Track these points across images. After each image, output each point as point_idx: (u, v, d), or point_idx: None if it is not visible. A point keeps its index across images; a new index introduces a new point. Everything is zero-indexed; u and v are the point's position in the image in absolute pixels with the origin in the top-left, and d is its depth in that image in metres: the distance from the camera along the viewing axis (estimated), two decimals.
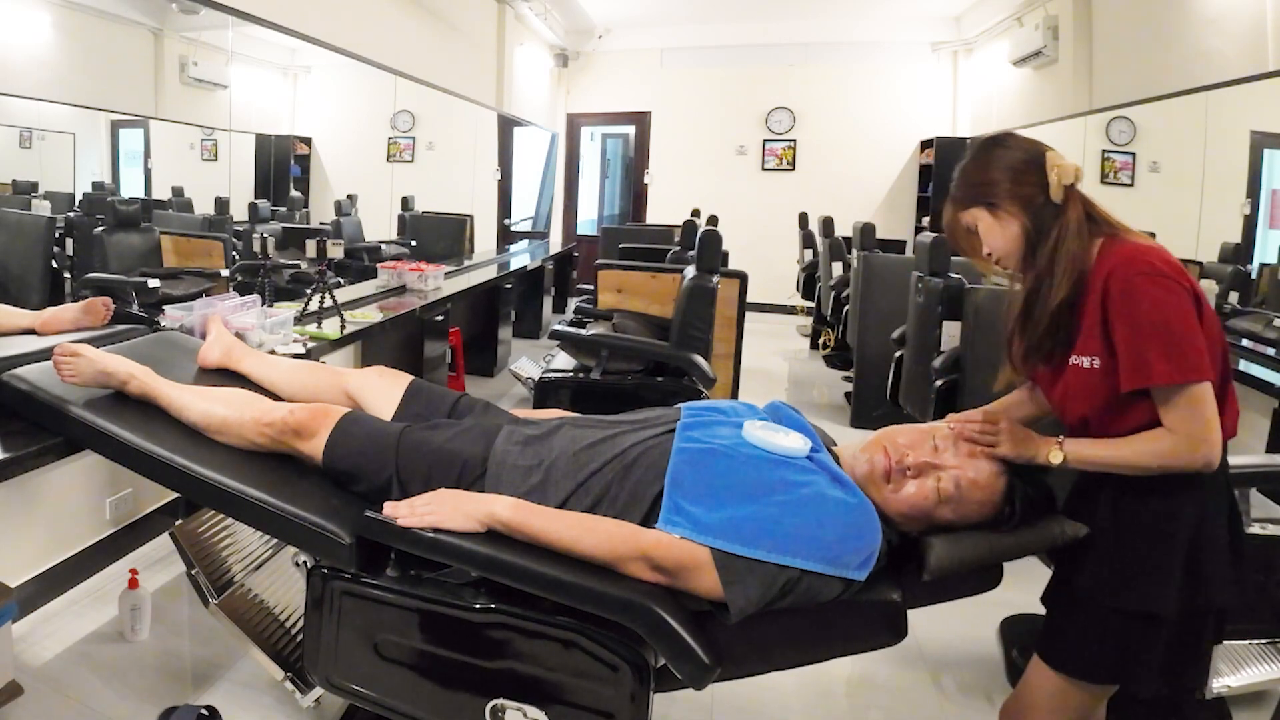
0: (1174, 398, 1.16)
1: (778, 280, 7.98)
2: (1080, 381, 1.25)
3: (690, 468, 1.32)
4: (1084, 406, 1.26)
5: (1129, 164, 4.95)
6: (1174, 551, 1.22)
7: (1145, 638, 1.24)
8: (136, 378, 1.64)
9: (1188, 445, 1.16)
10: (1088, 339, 1.23)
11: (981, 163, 1.30)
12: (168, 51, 3.48)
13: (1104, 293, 1.19)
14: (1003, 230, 1.28)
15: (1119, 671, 1.28)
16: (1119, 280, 1.18)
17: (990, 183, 1.28)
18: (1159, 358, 1.14)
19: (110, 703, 1.93)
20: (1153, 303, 1.16)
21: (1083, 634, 1.29)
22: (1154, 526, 1.24)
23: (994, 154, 1.29)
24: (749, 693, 2.07)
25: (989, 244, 1.31)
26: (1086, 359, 1.23)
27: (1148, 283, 1.16)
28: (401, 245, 5.28)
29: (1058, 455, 1.25)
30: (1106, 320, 1.19)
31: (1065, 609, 1.33)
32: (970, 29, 7.45)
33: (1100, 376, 1.21)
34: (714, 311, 3.32)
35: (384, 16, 4.49)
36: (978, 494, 1.29)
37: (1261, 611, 1.68)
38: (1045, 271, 1.25)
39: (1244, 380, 2.94)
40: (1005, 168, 1.27)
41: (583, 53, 8.74)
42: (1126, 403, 1.20)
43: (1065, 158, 1.26)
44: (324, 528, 1.37)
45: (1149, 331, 1.15)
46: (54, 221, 3.01)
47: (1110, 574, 1.25)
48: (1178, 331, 1.15)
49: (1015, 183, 1.26)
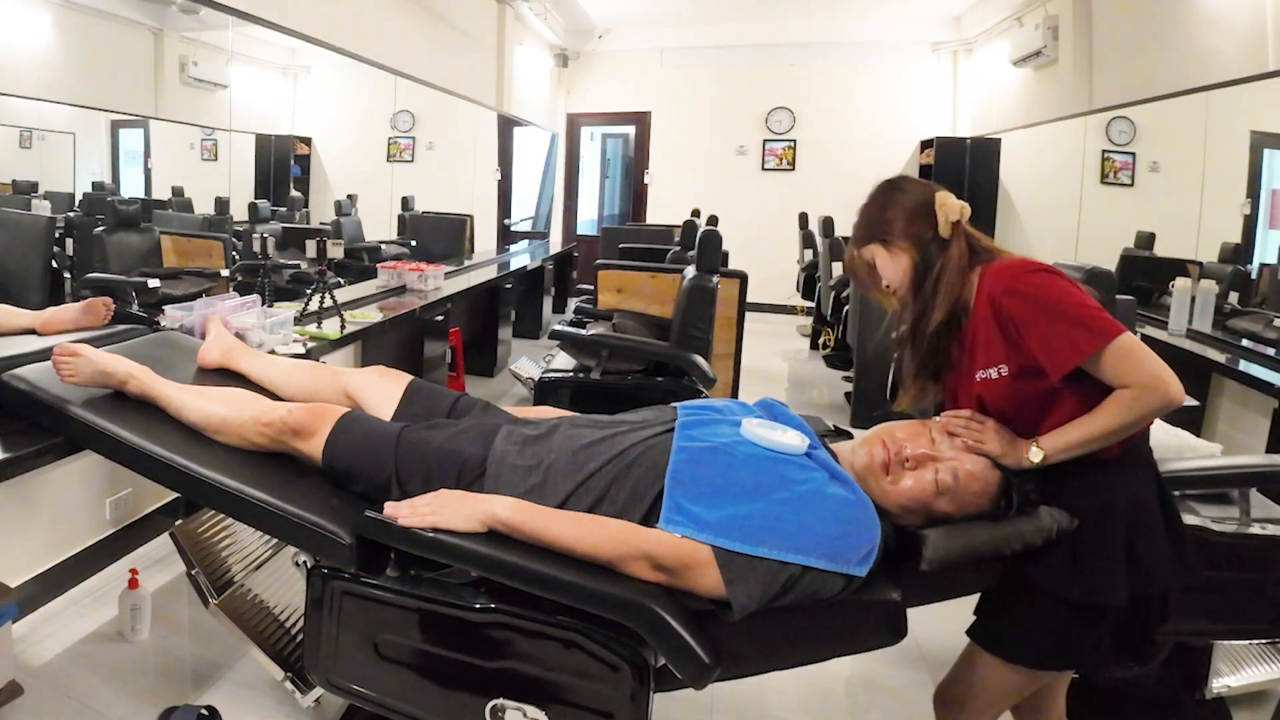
0: (1108, 359, 1.21)
1: (778, 280, 7.98)
2: (994, 392, 1.32)
3: (690, 466, 1.32)
4: (1002, 414, 1.32)
5: (1129, 164, 4.95)
6: (1114, 542, 1.26)
7: (1092, 625, 1.28)
8: (136, 378, 1.64)
9: (1148, 388, 1.20)
10: (988, 352, 1.31)
11: (879, 204, 1.43)
12: (168, 51, 3.48)
13: (994, 307, 1.28)
14: (895, 264, 1.40)
15: (1070, 658, 1.34)
16: (1001, 291, 1.27)
17: (886, 222, 1.40)
18: (1077, 331, 1.21)
19: (110, 703, 1.93)
20: (1046, 290, 1.25)
21: (1033, 624, 1.32)
22: (1094, 520, 1.28)
23: (891, 196, 1.42)
24: (749, 693, 2.07)
25: (885, 276, 1.43)
26: (993, 369, 1.30)
27: (1033, 277, 1.27)
28: (401, 245, 5.29)
29: (1037, 453, 1.28)
30: (1005, 331, 1.27)
31: (1012, 599, 1.36)
32: (970, 29, 7.45)
33: (1010, 381, 1.29)
34: (714, 311, 3.32)
35: (384, 16, 4.49)
36: (975, 485, 1.30)
37: (1261, 611, 1.67)
38: (929, 298, 1.36)
39: (1244, 380, 2.94)
40: (900, 208, 1.39)
41: (583, 53, 8.75)
42: (1049, 398, 1.27)
43: (953, 198, 1.38)
44: (324, 528, 1.37)
45: (1056, 315, 1.23)
46: (54, 221, 3.01)
47: (1061, 567, 1.28)
48: (1078, 304, 1.23)
49: (908, 221, 1.38)
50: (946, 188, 1.42)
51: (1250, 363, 3.03)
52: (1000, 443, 1.30)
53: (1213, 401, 3.24)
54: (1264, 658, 1.96)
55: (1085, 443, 1.25)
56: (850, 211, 1.49)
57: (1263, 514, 1.80)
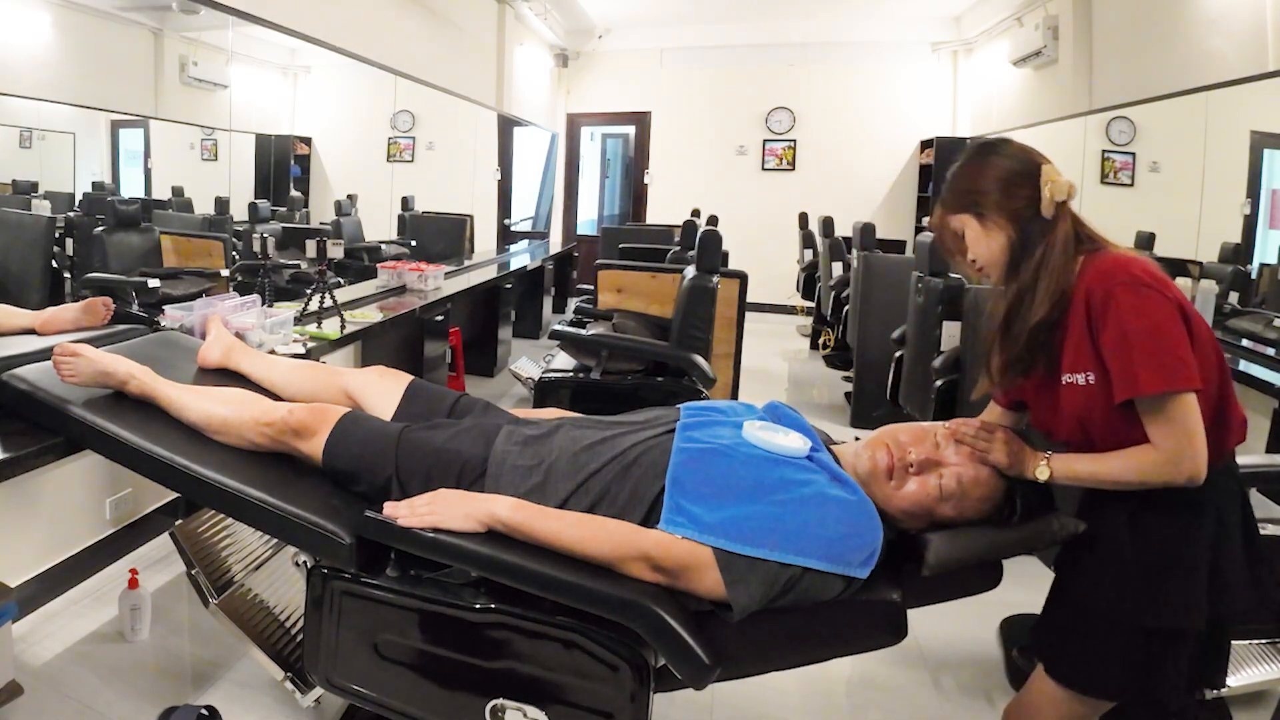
0: (1159, 408, 1.13)
1: (778, 280, 7.98)
2: (1078, 399, 1.22)
3: (691, 468, 1.32)
4: (1082, 423, 1.23)
5: (1129, 164, 4.95)
6: (1198, 567, 1.20)
7: (1171, 652, 1.22)
8: (136, 378, 1.64)
9: (1170, 461, 1.14)
10: (1078, 356, 1.20)
11: (974, 169, 1.28)
12: (168, 51, 3.48)
13: (1087, 307, 1.18)
14: (988, 241, 1.26)
15: (1144, 687, 1.24)
16: (1099, 292, 1.17)
17: (980, 191, 1.26)
18: (1143, 367, 1.12)
19: (110, 703, 1.93)
20: (1133, 312, 1.14)
21: (1103, 652, 1.25)
22: (1176, 542, 1.21)
23: (988, 161, 1.27)
24: (749, 693, 2.07)
25: (974, 252, 1.29)
26: (1080, 375, 1.20)
27: (1127, 292, 1.15)
28: (401, 245, 5.28)
29: (1044, 471, 1.24)
30: (1093, 335, 1.18)
31: (1079, 626, 1.29)
32: (970, 29, 7.45)
33: (1096, 392, 1.19)
34: (714, 311, 3.32)
35: (384, 16, 4.49)
36: (979, 491, 1.29)
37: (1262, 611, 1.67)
38: (1028, 287, 1.23)
39: (1244, 380, 2.94)
40: (997, 178, 1.25)
41: (583, 53, 8.74)
42: (1125, 416, 1.17)
43: (1061, 173, 1.23)
44: (324, 528, 1.37)
45: (1132, 341, 1.13)
46: (54, 221, 3.01)
47: (1134, 593, 1.22)
48: (1160, 340, 1.12)
49: (1005, 194, 1.24)
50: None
51: (1250, 363, 3.03)
52: (1007, 454, 1.27)
53: None
54: (1264, 658, 1.96)
55: (1093, 480, 1.21)
56: (850, 211, 1.47)
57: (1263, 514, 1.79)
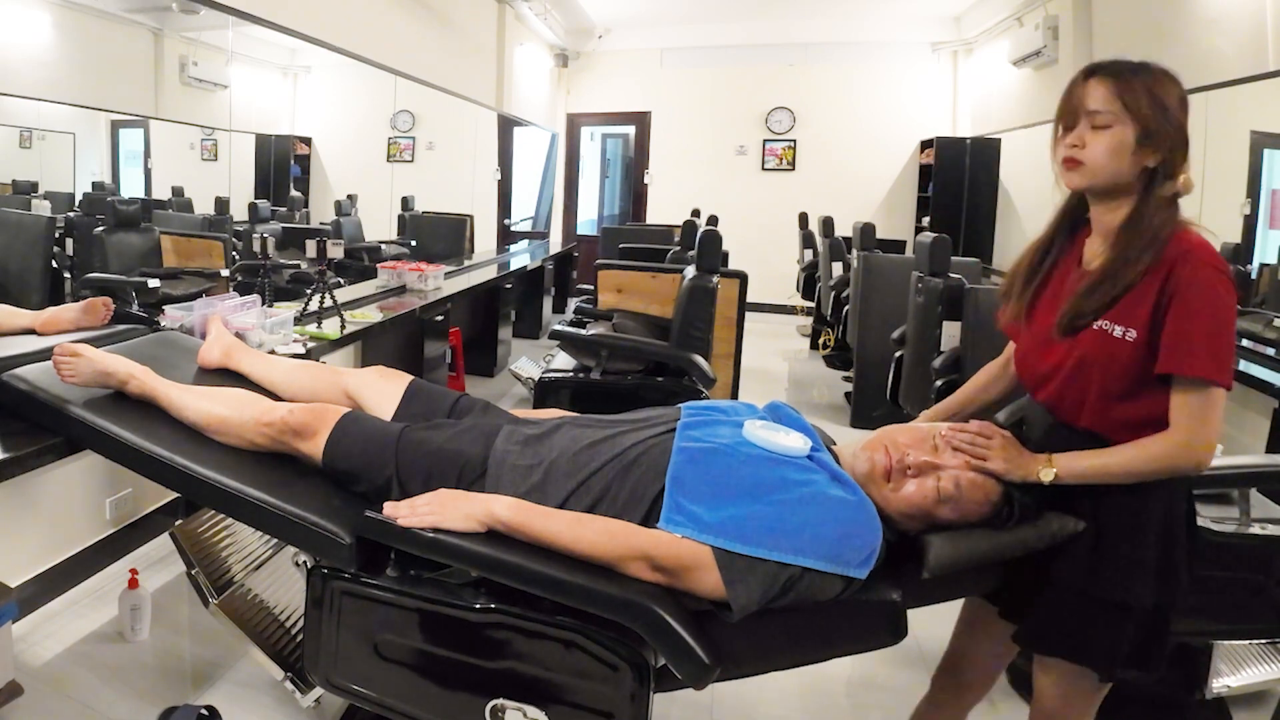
0: (1195, 392, 1.16)
1: (778, 280, 7.98)
2: (1104, 349, 1.22)
3: (691, 467, 1.32)
4: (1092, 376, 1.23)
5: None
6: (1147, 545, 1.24)
7: (1115, 624, 1.26)
8: (136, 378, 1.64)
9: (1185, 445, 1.17)
10: (1129, 310, 1.21)
11: (1181, 99, 1.23)
12: (168, 51, 3.48)
13: (1168, 274, 1.18)
14: (1120, 157, 1.21)
15: (1081, 652, 1.30)
16: (1190, 266, 1.17)
17: (1169, 121, 1.21)
18: (1203, 349, 1.15)
19: (110, 703, 1.93)
20: (1216, 299, 1.16)
21: (1054, 615, 1.31)
22: (1131, 522, 1.26)
23: (1186, 108, 1.24)
24: (749, 693, 2.07)
25: (1101, 153, 1.22)
26: (1121, 329, 1.20)
27: (1218, 279, 1.17)
28: (401, 245, 5.29)
29: (1049, 473, 1.25)
30: (1160, 298, 1.18)
31: (1038, 590, 1.33)
32: (970, 29, 7.45)
33: (1130, 350, 1.20)
34: (714, 311, 3.32)
35: (384, 16, 4.49)
36: (978, 493, 1.29)
37: (1261, 611, 1.67)
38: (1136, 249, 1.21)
39: (1244, 380, 2.94)
40: (1177, 127, 1.22)
41: (583, 53, 8.74)
42: (1144, 385, 1.20)
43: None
44: (324, 528, 1.37)
45: (1205, 324, 1.16)
46: (54, 221, 3.02)
47: (1090, 563, 1.27)
48: (1224, 332, 1.17)
49: (1173, 144, 1.21)
50: (946, 188, 1.34)
51: (1250, 363, 3.03)
52: (1005, 459, 1.28)
53: None
54: (1264, 658, 1.96)
55: (1101, 475, 1.23)
56: (850, 211, 1.46)
57: (1263, 514, 1.80)
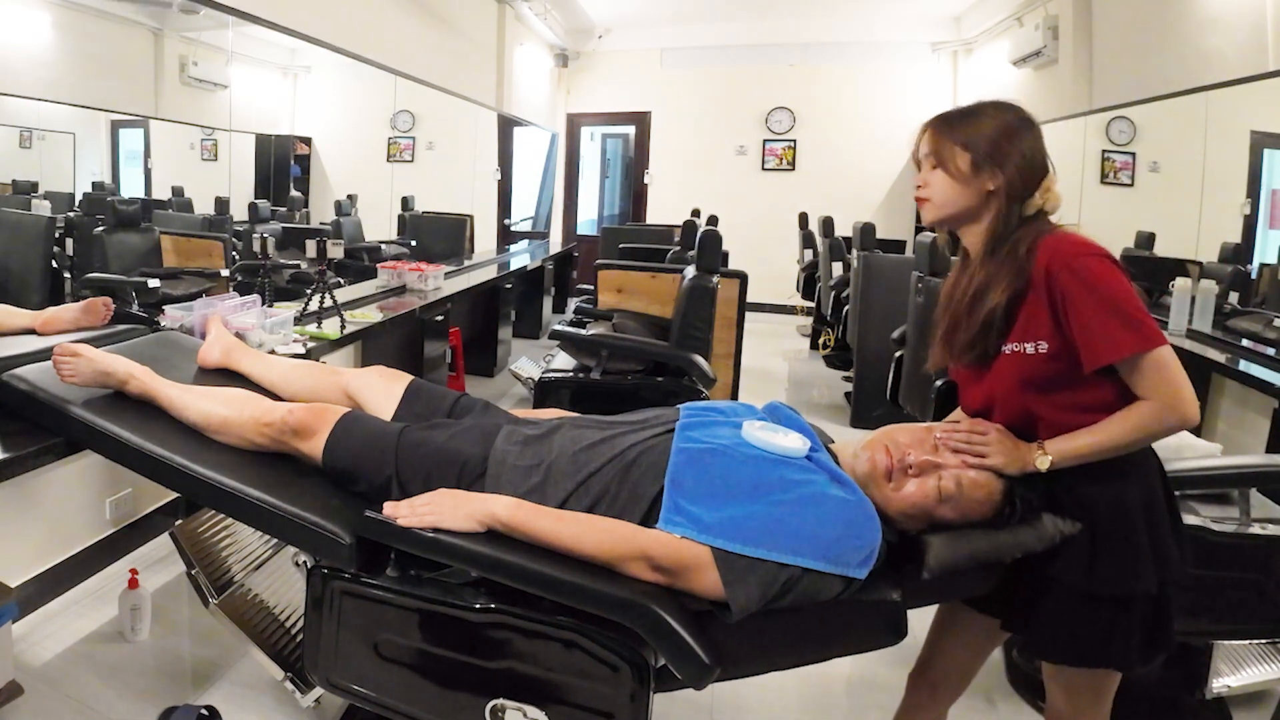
0: (1143, 366, 1.18)
1: (778, 280, 7.97)
2: (1024, 369, 1.26)
3: (690, 467, 1.32)
4: (1027, 394, 1.27)
5: (1129, 164, 4.95)
6: (1137, 532, 1.25)
7: (1121, 619, 1.26)
8: (136, 378, 1.64)
9: (1169, 406, 1.18)
10: (1030, 325, 1.25)
11: (1006, 126, 1.28)
12: (168, 51, 3.48)
13: (1049, 281, 1.22)
14: (954, 187, 1.29)
15: (1103, 654, 1.29)
16: (1065, 263, 1.21)
17: (1001, 152, 1.27)
18: (1122, 331, 1.17)
19: (110, 703, 1.93)
20: (1098, 279, 1.19)
21: (1062, 621, 1.29)
22: (1110, 514, 1.26)
23: (1020, 132, 1.28)
24: (749, 693, 2.07)
25: (937, 190, 1.32)
26: (1031, 345, 1.24)
27: (1096, 263, 1.20)
28: (401, 245, 5.29)
29: (1044, 460, 1.25)
30: (1054, 306, 1.22)
31: (1040, 598, 1.32)
32: (970, 29, 7.45)
33: (1047, 360, 1.24)
34: (714, 311, 3.32)
35: (384, 16, 4.49)
36: (978, 493, 1.29)
37: (1261, 611, 1.67)
38: (995, 272, 1.27)
39: (1244, 380, 2.94)
40: (1021, 153, 1.27)
41: (583, 53, 8.74)
42: (1079, 384, 1.23)
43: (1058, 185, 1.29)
44: (324, 528, 1.37)
45: (1109, 307, 1.18)
46: (54, 221, 3.01)
47: (1089, 562, 1.26)
48: (1133, 305, 1.19)
49: (1015, 166, 1.26)
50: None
51: (1250, 363, 3.02)
52: (1003, 453, 1.28)
53: (1213, 401, 3.23)
54: (1264, 658, 1.96)
55: (1095, 451, 1.23)
56: (851, 211, 1.47)
57: (1263, 514, 1.80)
